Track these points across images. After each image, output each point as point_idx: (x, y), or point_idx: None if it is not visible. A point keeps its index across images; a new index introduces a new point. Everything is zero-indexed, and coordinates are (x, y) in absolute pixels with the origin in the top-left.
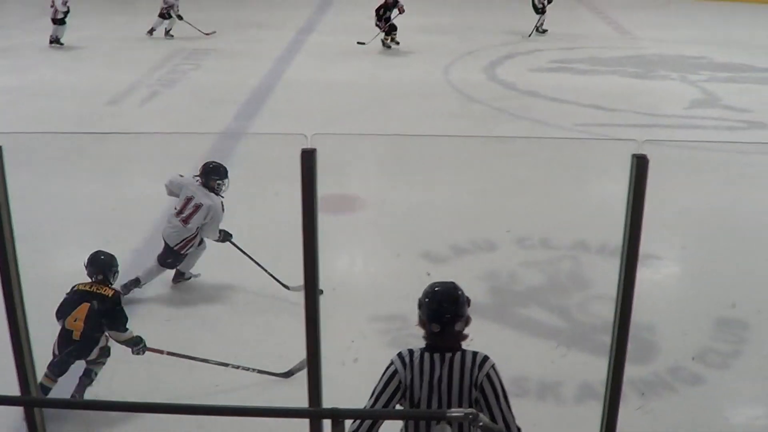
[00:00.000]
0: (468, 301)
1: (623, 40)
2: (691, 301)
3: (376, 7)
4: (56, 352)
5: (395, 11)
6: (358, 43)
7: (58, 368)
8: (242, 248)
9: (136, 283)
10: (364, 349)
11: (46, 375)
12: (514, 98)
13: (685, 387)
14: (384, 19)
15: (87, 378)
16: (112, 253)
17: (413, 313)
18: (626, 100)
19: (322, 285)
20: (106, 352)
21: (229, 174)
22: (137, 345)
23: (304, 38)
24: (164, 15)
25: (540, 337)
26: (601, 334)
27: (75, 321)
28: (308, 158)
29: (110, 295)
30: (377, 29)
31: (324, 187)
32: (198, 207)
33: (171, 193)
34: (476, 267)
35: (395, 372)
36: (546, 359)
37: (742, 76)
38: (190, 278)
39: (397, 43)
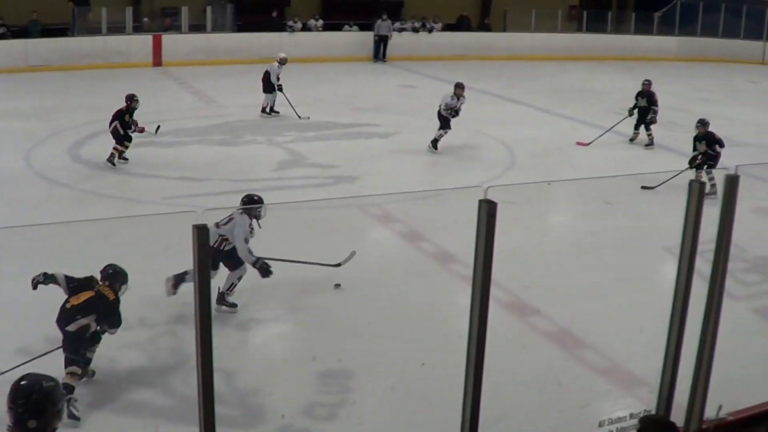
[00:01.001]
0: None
1: (209, 108)
2: (296, 359)
3: None
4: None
5: None
6: None
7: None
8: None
9: (183, 275)
10: None
11: None
12: (101, 178)
13: None
14: None
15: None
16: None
17: None
18: (214, 169)
19: None
20: (96, 338)
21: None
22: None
23: None
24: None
25: (143, 417)
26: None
27: (77, 298)
28: None
29: (110, 299)
30: None
31: None
32: (231, 218)
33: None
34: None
35: None
36: None
37: (326, 133)
38: (234, 306)
39: None
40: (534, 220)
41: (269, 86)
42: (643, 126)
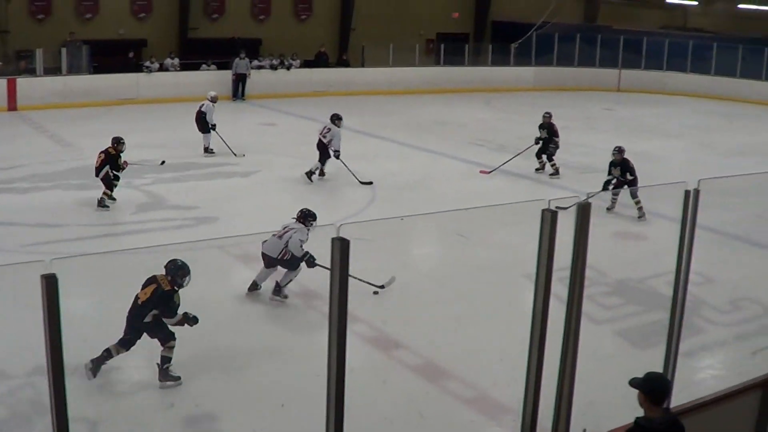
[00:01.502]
0: None
1: (66, 152)
2: (155, 406)
3: None
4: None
5: None
6: None
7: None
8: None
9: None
10: None
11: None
12: None
13: None
14: None
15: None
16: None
17: None
18: (73, 214)
19: None
20: (171, 335)
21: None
22: (189, 321)
23: None
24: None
25: None
26: None
27: (144, 293)
28: None
29: (167, 289)
30: None
31: None
32: (291, 230)
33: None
34: None
35: None
36: None
37: (186, 174)
38: (286, 297)
39: None
40: (391, 255)
41: (205, 126)
42: (545, 156)
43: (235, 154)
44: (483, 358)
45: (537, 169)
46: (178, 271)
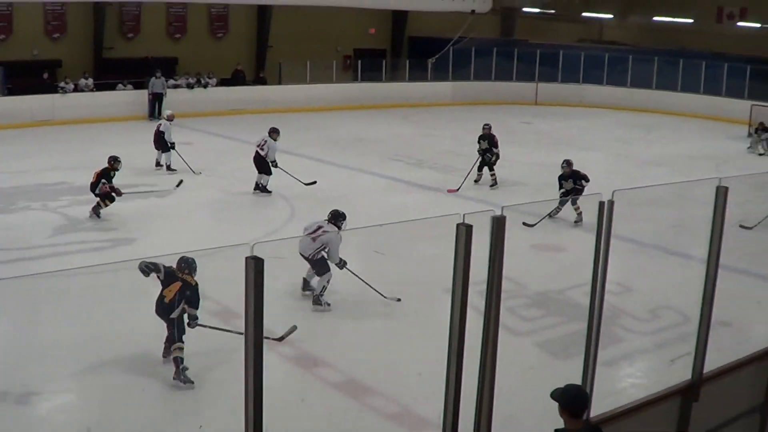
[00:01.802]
0: None
1: None
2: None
3: None
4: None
5: None
6: None
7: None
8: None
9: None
10: None
11: None
12: None
13: None
14: None
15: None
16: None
17: None
18: None
19: None
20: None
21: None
22: (194, 320)
23: None
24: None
25: None
26: None
27: (169, 290)
28: None
29: (194, 284)
30: None
31: None
32: (320, 229)
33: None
34: None
35: None
36: None
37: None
38: (329, 305)
39: None
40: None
41: (164, 144)
42: (486, 168)
43: (195, 172)
44: (404, 373)
45: (476, 181)
46: (192, 266)
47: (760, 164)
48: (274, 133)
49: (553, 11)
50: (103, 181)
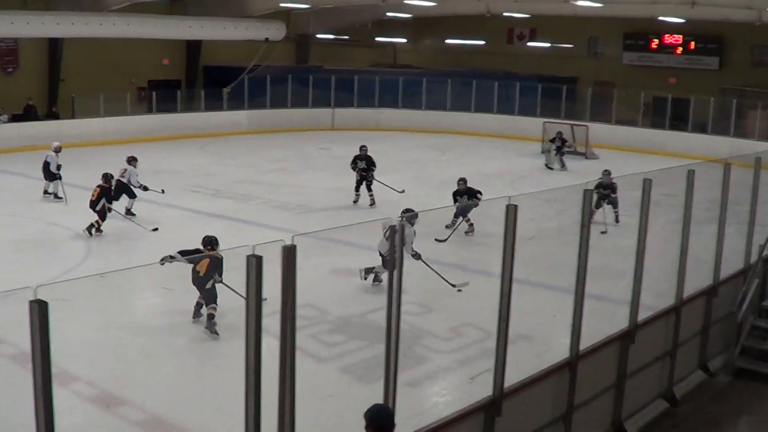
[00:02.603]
0: None
1: None
2: None
3: None
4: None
5: None
6: None
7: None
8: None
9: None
10: None
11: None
12: None
13: None
14: None
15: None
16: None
17: None
18: None
19: None
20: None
21: None
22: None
23: None
24: None
25: None
26: None
27: (201, 266)
28: None
29: (220, 257)
30: None
31: None
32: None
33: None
34: None
35: None
36: None
37: None
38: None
39: None
40: (97, 313)
41: (50, 174)
42: (364, 187)
43: (63, 199)
44: (205, 408)
45: (354, 201)
46: (215, 242)
47: (554, 180)
48: (133, 160)
49: (347, 37)
50: (104, 200)
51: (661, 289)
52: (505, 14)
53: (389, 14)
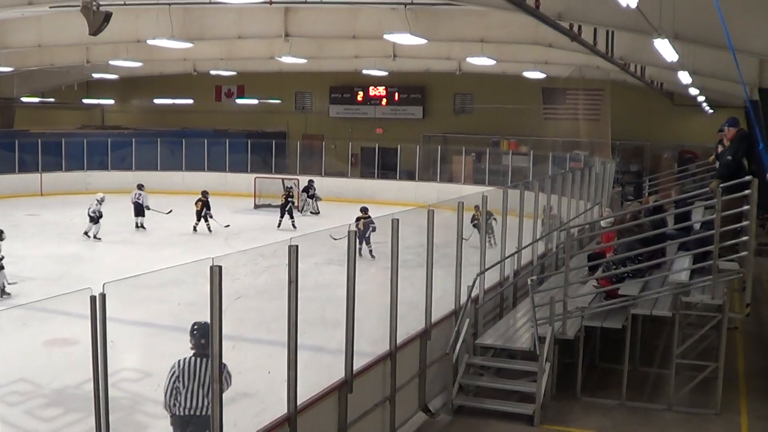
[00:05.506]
0: None
1: None
2: None
3: None
4: None
5: None
6: None
7: None
8: None
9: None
10: None
11: None
12: None
13: None
14: None
15: None
16: None
17: None
18: None
19: None
20: None
21: None
22: None
23: None
24: None
25: None
26: None
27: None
28: None
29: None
30: None
31: None
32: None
33: None
34: None
35: None
36: None
37: None
38: None
39: None
40: None
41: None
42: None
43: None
44: None
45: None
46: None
47: (268, 236)
48: (142, 187)
49: (53, 99)
50: None
51: (377, 336)
52: (213, 72)
53: (96, 75)
